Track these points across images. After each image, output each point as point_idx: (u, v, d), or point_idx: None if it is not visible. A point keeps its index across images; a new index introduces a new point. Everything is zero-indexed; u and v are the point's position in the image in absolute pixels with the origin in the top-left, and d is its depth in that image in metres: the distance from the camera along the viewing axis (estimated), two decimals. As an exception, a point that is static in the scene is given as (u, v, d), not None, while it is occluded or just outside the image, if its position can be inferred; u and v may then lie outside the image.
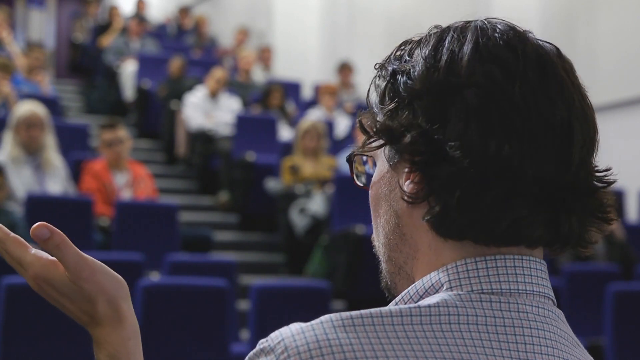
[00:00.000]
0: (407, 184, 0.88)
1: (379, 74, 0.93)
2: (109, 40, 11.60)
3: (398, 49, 0.94)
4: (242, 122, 8.40)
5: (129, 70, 10.62)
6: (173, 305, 4.62)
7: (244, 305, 5.79)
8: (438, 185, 0.85)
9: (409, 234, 0.90)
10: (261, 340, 0.82)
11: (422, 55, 0.89)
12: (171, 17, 14.58)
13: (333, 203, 6.73)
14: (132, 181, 6.58)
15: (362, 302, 6.23)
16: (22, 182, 6.02)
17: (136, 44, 11.38)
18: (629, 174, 7.94)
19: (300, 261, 6.83)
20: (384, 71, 0.93)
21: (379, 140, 0.90)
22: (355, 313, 0.82)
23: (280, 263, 7.29)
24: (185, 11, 13.98)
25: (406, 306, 0.83)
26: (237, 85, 9.90)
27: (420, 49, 0.90)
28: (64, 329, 4.36)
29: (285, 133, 8.71)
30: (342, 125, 9.06)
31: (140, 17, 12.44)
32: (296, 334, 0.80)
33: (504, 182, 0.84)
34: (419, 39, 0.93)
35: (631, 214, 7.90)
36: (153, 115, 9.90)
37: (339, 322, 0.81)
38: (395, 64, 0.91)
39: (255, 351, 0.82)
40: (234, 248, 7.43)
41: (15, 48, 9.80)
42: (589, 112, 0.89)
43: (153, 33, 12.65)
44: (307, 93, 11.24)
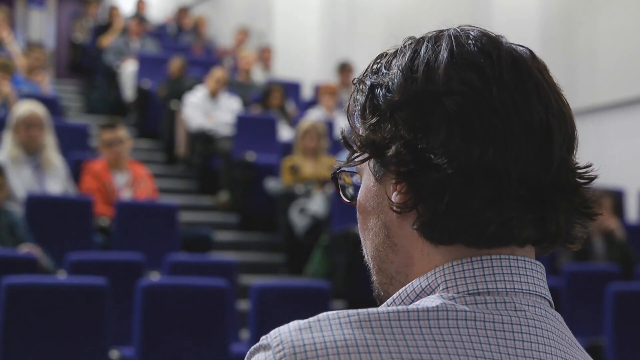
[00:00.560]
0: (395, 195, 0.89)
1: (357, 88, 0.94)
2: (109, 40, 11.60)
3: (374, 62, 0.95)
4: (242, 122, 8.40)
5: (129, 70, 10.62)
6: (173, 305, 4.62)
7: (244, 305, 5.80)
8: (426, 193, 0.86)
9: (401, 243, 0.91)
10: (262, 337, 0.84)
11: (399, 67, 0.90)
12: (171, 17, 14.58)
13: (333, 203, 6.73)
14: (132, 181, 6.58)
15: (362, 302, 6.23)
16: (22, 182, 6.02)
17: (136, 44, 11.38)
18: (629, 174, 7.94)
19: (300, 261, 6.83)
20: (362, 85, 0.94)
21: (363, 155, 0.92)
22: (353, 311, 0.83)
23: (280, 263, 7.29)
24: (184, 11, 13.99)
25: (402, 307, 0.84)
26: (237, 85, 9.90)
27: (397, 61, 0.91)
28: (64, 329, 4.36)
29: (285, 133, 8.72)
30: (342, 125, 9.05)
31: (140, 17, 12.44)
32: (293, 331, 0.82)
33: (490, 186, 0.85)
34: (394, 51, 0.94)
35: (631, 214, 7.90)
36: (153, 115, 9.91)
37: (336, 321, 0.82)
38: (373, 78, 0.92)
39: (255, 346, 0.84)
40: (234, 248, 7.43)
41: (15, 48, 9.80)
42: (566, 111, 0.90)
43: (153, 33, 12.65)
44: (307, 93, 11.24)
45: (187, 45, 12.47)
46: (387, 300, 0.91)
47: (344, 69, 10.45)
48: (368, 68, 0.95)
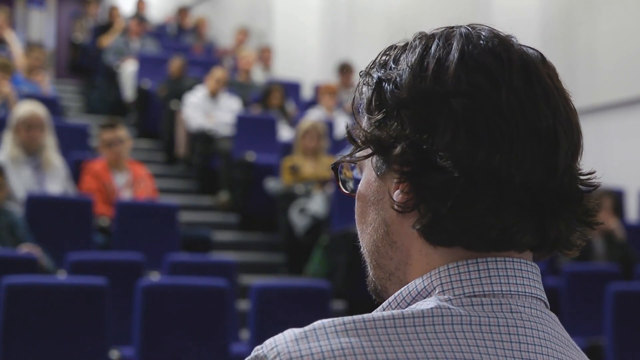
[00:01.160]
0: (397, 194, 0.88)
1: (364, 81, 0.93)
2: (109, 40, 11.60)
3: (383, 54, 0.94)
4: (242, 122, 8.40)
5: (129, 70, 10.62)
6: (173, 305, 4.62)
7: (244, 305, 5.79)
8: (429, 195, 0.86)
9: (400, 241, 0.91)
10: (256, 347, 0.83)
11: (408, 63, 0.89)
12: (171, 17, 14.58)
13: (333, 203, 6.73)
14: (132, 181, 6.58)
15: (362, 302, 6.24)
16: (22, 182, 6.02)
17: (136, 44, 11.38)
18: (629, 174, 7.94)
19: (300, 261, 6.83)
20: (368, 78, 0.92)
21: (366, 150, 0.91)
22: (348, 319, 0.82)
23: (280, 263, 7.29)
24: (184, 11, 13.99)
25: (397, 311, 0.84)
26: (237, 85, 9.90)
27: (406, 56, 0.90)
28: (64, 329, 4.36)
29: (285, 133, 8.72)
30: (342, 125, 9.05)
31: (140, 17, 12.44)
32: (289, 341, 0.81)
33: (493, 190, 0.84)
34: (403, 44, 0.93)
35: (631, 214, 7.90)
36: (153, 115, 9.91)
37: (331, 329, 0.81)
38: (381, 72, 0.91)
39: (250, 357, 0.83)
40: (234, 248, 7.43)
41: (17, 48, 9.79)
42: (573, 118, 0.89)
43: (153, 33, 12.65)
44: (307, 93, 11.24)
45: (187, 45, 12.47)
46: (383, 304, 0.90)
47: (344, 69, 10.45)
48: (375, 60, 0.94)
